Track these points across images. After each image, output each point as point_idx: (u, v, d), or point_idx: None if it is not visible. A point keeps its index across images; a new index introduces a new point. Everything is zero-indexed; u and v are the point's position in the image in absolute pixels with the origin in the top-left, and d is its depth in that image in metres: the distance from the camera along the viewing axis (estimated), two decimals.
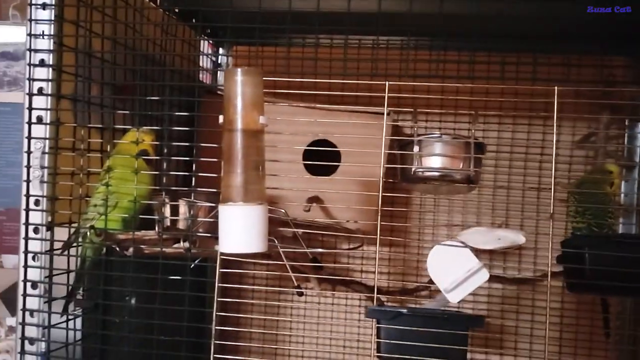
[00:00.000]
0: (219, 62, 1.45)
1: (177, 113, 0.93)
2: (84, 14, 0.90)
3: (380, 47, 1.26)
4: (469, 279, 0.78)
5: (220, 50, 1.45)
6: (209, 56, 1.40)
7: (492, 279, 0.86)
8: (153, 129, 0.93)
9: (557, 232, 0.97)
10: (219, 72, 1.43)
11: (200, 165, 0.99)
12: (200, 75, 1.40)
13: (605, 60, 1.28)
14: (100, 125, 0.93)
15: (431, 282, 0.83)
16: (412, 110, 0.93)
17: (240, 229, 0.74)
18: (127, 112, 0.98)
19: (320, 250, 1.15)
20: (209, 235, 0.84)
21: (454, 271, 0.79)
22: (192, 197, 0.89)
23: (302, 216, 1.02)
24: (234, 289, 0.89)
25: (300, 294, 0.95)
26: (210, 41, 1.39)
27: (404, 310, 0.81)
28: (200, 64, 1.37)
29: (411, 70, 0.88)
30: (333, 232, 0.99)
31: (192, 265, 0.92)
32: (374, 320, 0.81)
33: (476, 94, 1.26)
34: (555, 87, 0.77)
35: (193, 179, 0.95)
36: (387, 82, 0.81)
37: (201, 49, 1.34)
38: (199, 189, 0.91)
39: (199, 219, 0.87)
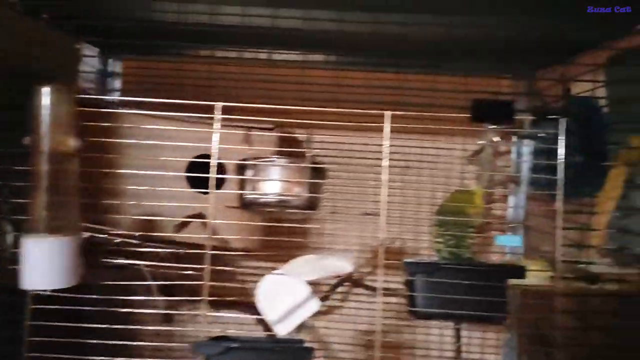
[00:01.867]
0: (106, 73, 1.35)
1: None
2: None
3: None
4: (298, 310, 0.75)
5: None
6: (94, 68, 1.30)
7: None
8: None
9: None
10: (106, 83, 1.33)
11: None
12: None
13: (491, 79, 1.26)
14: None
15: None
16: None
17: (42, 264, 0.67)
18: None
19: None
20: (14, 267, 0.76)
21: (283, 302, 0.75)
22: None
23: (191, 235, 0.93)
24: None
25: (169, 320, 0.89)
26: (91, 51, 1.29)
27: (234, 344, 0.76)
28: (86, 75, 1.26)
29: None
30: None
31: None
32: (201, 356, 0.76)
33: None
34: (384, 112, 0.75)
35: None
36: (218, 103, 0.78)
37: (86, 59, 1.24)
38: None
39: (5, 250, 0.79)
